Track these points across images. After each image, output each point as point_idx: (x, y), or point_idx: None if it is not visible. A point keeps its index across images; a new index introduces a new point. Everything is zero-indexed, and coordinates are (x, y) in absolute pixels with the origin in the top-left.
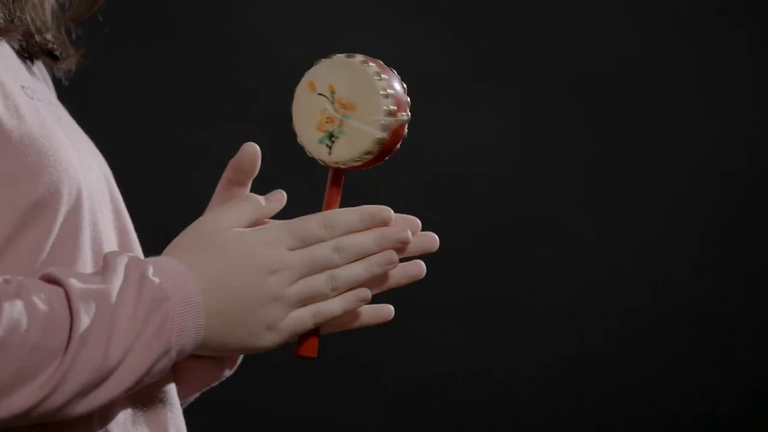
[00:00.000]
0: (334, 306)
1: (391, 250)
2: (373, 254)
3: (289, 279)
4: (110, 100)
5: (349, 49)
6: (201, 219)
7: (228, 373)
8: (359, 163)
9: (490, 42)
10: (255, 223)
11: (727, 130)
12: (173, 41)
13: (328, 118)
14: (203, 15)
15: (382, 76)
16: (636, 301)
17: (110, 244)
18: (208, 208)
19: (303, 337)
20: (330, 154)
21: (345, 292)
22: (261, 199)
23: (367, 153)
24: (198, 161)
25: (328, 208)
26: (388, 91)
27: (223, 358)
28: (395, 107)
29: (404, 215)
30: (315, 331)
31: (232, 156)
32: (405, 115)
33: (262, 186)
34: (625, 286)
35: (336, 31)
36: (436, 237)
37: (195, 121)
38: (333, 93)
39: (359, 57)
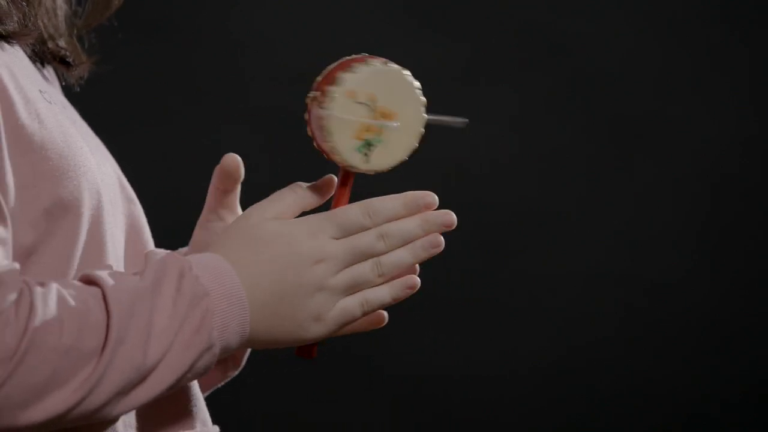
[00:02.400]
0: (383, 293)
1: (437, 234)
2: (417, 239)
3: (333, 269)
4: (109, 101)
5: (356, 51)
6: (246, 212)
7: (233, 373)
8: (387, 170)
9: (489, 43)
10: (301, 213)
11: (726, 132)
12: (174, 44)
13: (368, 127)
14: (204, 18)
15: (416, 84)
16: (635, 302)
17: (120, 246)
18: (201, 217)
19: None
20: (367, 162)
21: (392, 280)
22: (305, 187)
23: (401, 161)
24: (200, 162)
25: (337, 207)
26: (424, 100)
27: (227, 360)
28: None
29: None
30: None
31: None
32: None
33: (260, 186)
34: (625, 286)
35: (336, 33)
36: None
37: (197, 122)
38: (374, 101)
39: (394, 65)
